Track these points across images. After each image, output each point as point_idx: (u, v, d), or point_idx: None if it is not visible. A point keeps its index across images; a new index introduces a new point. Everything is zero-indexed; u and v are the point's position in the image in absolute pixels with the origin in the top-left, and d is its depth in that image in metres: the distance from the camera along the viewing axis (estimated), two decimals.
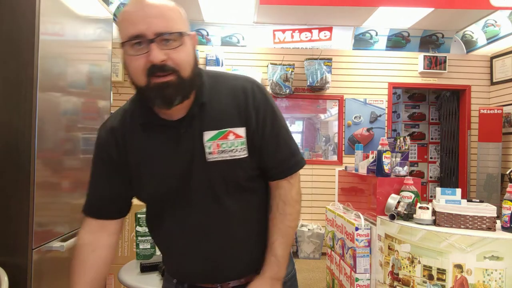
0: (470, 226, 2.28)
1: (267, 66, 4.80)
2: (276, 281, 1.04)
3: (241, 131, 0.98)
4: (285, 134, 1.07)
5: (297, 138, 5.35)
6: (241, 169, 1.00)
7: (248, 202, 1.05)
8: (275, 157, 1.04)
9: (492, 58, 4.96)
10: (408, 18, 4.49)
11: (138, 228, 1.72)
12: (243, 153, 0.99)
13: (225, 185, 1.00)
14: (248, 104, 0.99)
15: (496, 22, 4.37)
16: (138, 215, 1.73)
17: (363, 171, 3.04)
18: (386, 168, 2.67)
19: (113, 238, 1.10)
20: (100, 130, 1.08)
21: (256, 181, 1.06)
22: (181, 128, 0.97)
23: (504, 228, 2.26)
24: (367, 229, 2.77)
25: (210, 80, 1.02)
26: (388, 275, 2.52)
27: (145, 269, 1.53)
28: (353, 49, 4.97)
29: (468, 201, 2.42)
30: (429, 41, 4.99)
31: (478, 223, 2.27)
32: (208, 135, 0.97)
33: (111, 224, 1.10)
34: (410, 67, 5.00)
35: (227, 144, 0.97)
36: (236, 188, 1.02)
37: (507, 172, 4.12)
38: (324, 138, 5.37)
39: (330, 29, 4.87)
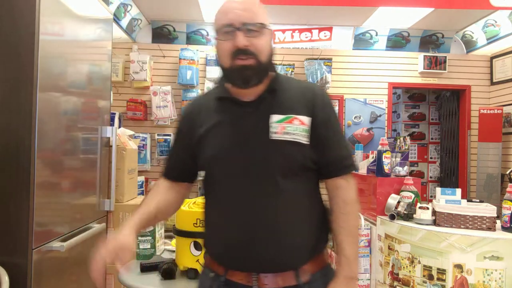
0: (470, 226, 2.28)
1: None
2: (350, 279, 1.08)
3: (306, 119, 1.10)
4: (344, 137, 1.20)
5: None
6: (299, 152, 1.09)
7: (296, 190, 1.11)
8: (336, 152, 1.14)
9: (492, 58, 4.96)
10: (408, 18, 4.48)
11: None
12: (304, 139, 1.09)
13: (281, 164, 1.08)
14: (316, 100, 1.13)
15: (496, 22, 4.37)
16: None
17: (363, 171, 3.04)
18: (386, 168, 2.67)
19: (178, 196, 1.26)
20: (184, 107, 1.28)
21: (309, 174, 1.14)
22: (248, 108, 1.12)
23: (504, 228, 2.26)
24: (367, 229, 2.77)
25: (284, 77, 1.21)
26: (388, 275, 2.52)
27: (145, 269, 1.53)
28: (353, 49, 4.96)
29: (468, 201, 2.42)
30: (429, 41, 4.99)
31: (478, 223, 2.27)
32: (275, 117, 1.09)
33: (178, 185, 1.26)
34: (410, 67, 5.00)
35: (292, 127, 1.09)
36: (289, 172, 1.09)
37: (507, 172, 4.12)
38: None
39: (330, 29, 4.87)
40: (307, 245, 1.11)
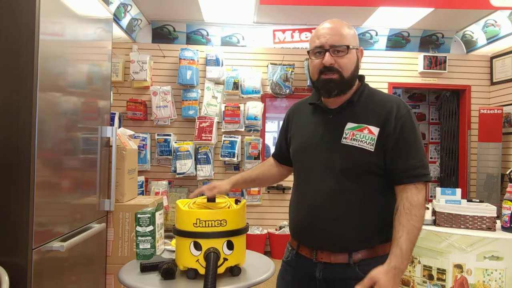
0: (470, 226, 2.28)
1: (267, 66, 4.79)
2: (398, 270, 1.18)
3: (375, 130, 1.27)
4: (419, 148, 1.28)
5: None
6: (362, 157, 1.27)
7: (357, 189, 1.28)
8: (406, 162, 1.26)
9: (492, 58, 4.96)
10: (408, 18, 4.49)
11: (138, 228, 1.72)
12: (369, 147, 1.26)
13: (344, 165, 1.28)
14: (391, 113, 1.28)
15: (496, 22, 4.37)
16: (138, 215, 1.73)
17: None
18: None
19: (278, 173, 1.63)
20: (291, 105, 1.59)
21: (374, 178, 1.29)
22: (330, 114, 1.35)
23: (504, 228, 2.26)
24: None
25: (369, 90, 1.37)
26: None
27: (145, 269, 1.53)
28: None
29: (468, 201, 2.42)
30: (429, 41, 4.99)
31: (478, 223, 2.27)
32: (350, 125, 1.30)
33: (281, 166, 1.63)
34: (410, 67, 5.00)
35: (361, 135, 1.28)
36: (351, 172, 1.28)
37: (507, 172, 4.11)
38: None
39: None
40: (360, 237, 1.28)
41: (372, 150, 1.26)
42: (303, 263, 1.38)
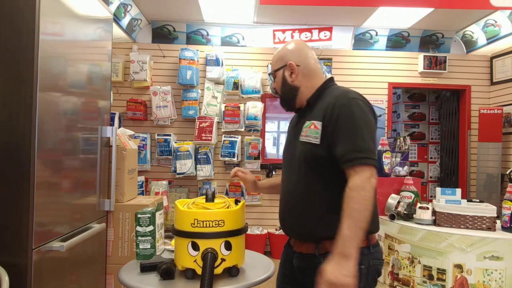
0: (470, 226, 2.28)
1: (267, 66, 4.79)
2: (341, 256, 1.20)
3: (319, 124, 1.39)
4: (357, 133, 1.32)
5: None
6: (310, 150, 1.39)
7: (315, 180, 1.39)
8: (343, 147, 1.32)
9: (492, 58, 4.96)
10: (408, 18, 4.49)
11: (138, 228, 1.72)
12: (315, 140, 1.38)
13: (301, 159, 1.42)
14: (329, 105, 1.38)
15: (496, 22, 4.37)
16: (138, 215, 1.73)
17: None
18: (386, 168, 2.67)
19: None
20: None
21: (327, 169, 1.37)
22: (299, 117, 1.53)
23: (504, 228, 2.26)
24: None
25: (328, 90, 1.48)
26: (388, 275, 2.52)
27: (145, 269, 1.53)
28: (353, 49, 4.97)
29: (468, 201, 2.42)
30: (429, 41, 4.99)
31: (478, 223, 2.27)
32: (306, 123, 1.44)
33: None
34: (410, 67, 5.00)
35: (310, 131, 1.41)
36: (307, 165, 1.40)
37: (507, 172, 4.12)
38: None
39: (330, 29, 4.87)
40: (322, 226, 1.37)
41: (318, 143, 1.37)
42: (288, 251, 1.55)
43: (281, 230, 4.75)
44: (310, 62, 1.52)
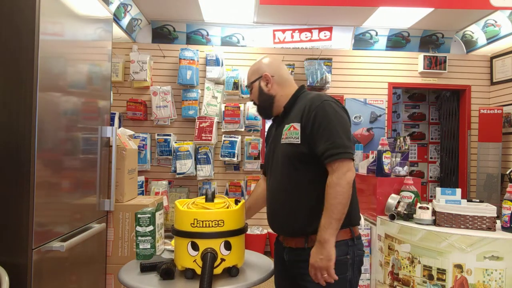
0: (470, 226, 2.28)
1: None
2: (319, 243, 1.39)
3: (297, 125, 1.50)
4: (332, 131, 1.43)
5: None
6: (293, 150, 1.50)
7: (300, 178, 1.49)
8: (320, 145, 1.43)
9: (492, 58, 4.96)
10: (408, 18, 4.49)
11: (138, 228, 1.72)
12: (296, 140, 1.49)
13: (285, 159, 1.52)
14: (305, 108, 1.50)
15: (496, 22, 4.37)
16: (138, 215, 1.73)
17: (363, 171, 3.04)
18: (386, 168, 2.67)
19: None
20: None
21: (310, 166, 1.48)
22: (278, 122, 1.64)
23: (504, 228, 2.26)
24: (367, 229, 2.77)
25: (301, 96, 1.61)
26: (388, 275, 2.52)
27: (145, 269, 1.53)
28: (353, 49, 4.97)
29: (468, 201, 2.42)
30: (429, 41, 4.99)
31: (478, 223, 2.27)
32: (285, 127, 1.55)
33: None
34: (410, 67, 5.00)
35: (290, 132, 1.52)
36: (291, 165, 1.50)
37: (507, 172, 4.12)
38: None
39: (330, 29, 4.87)
40: (309, 220, 1.46)
41: (299, 142, 1.48)
42: (278, 247, 1.63)
43: None
44: (283, 73, 1.66)
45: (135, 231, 1.74)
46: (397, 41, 4.98)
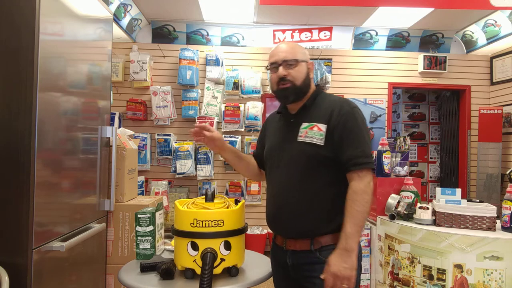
0: (470, 226, 2.28)
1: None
2: (345, 251, 1.36)
3: (323, 127, 1.47)
4: (361, 139, 1.45)
5: None
6: (314, 151, 1.46)
7: (314, 180, 1.46)
8: (349, 151, 1.43)
9: (492, 58, 4.96)
10: (408, 18, 4.48)
11: (138, 228, 1.72)
12: (319, 141, 1.46)
13: (301, 159, 1.47)
14: (334, 110, 1.48)
15: (496, 22, 4.37)
16: (138, 215, 1.73)
17: None
18: (386, 168, 2.67)
19: (259, 171, 1.78)
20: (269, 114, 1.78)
21: (326, 169, 1.46)
22: (291, 119, 1.58)
23: (504, 228, 2.26)
24: (367, 229, 2.77)
25: (323, 95, 1.58)
26: (388, 275, 2.52)
27: (145, 269, 1.53)
28: (353, 49, 4.97)
29: (468, 201, 2.42)
30: (429, 41, 4.99)
31: (478, 223, 2.27)
32: (304, 125, 1.51)
33: (259, 170, 1.78)
34: (410, 67, 5.00)
35: (312, 132, 1.48)
36: (307, 165, 1.47)
37: (507, 172, 4.11)
38: None
39: (330, 29, 4.87)
40: (320, 222, 1.45)
41: (322, 144, 1.45)
42: (278, 251, 1.56)
43: None
44: None
45: (135, 231, 1.74)
46: (397, 41, 4.98)
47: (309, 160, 1.47)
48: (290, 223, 1.49)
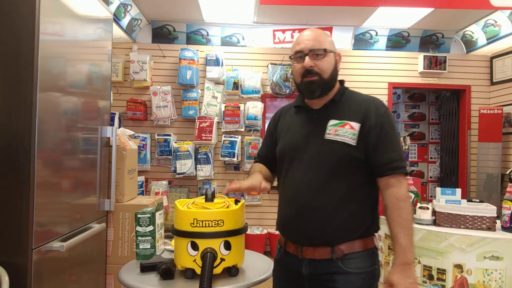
0: (470, 226, 2.28)
1: (267, 66, 4.79)
2: (405, 265, 1.26)
3: (356, 125, 1.34)
4: (397, 143, 1.37)
5: None
6: (345, 151, 1.33)
7: (341, 182, 1.34)
8: (387, 155, 1.33)
9: (492, 58, 4.96)
10: (408, 18, 4.48)
11: (138, 228, 1.72)
12: (351, 141, 1.33)
13: (329, 158, 1.34)
14: (370, 110, 1.36)
15: (496, 22, 4.37)
16: (138, 215, 1.73)
17: None
18: None
19: (271, 176, 1.59)
20: (278, 109, 1.62)
21: (356, 171, 1.35)
22: (314, 114, 1.43)
23: (504, 228, 2.26)
24: None
25: (349, 91, 1.46)
26: None
27: (145, 269, 1.53)
28: (353, 49, 4.96)
29: (468, 201, 2.42)
30: (429, 41, 4.99)
31: (478, 223, 2.27)
32: (332, 122, 1.37)
33: (269, 170, 1.59)
34: (410, 67, 5.00)
35: (343, 131, 1.35)
36: (336, 166, 1.34)
37: (507, 172, 4.11)
38: None
39: (330, 29, 4.87)
40: (344, 229, 1.33)
41: (354, 144, 1.33)
42: (290, 260, 1.41)
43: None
44: None
45: (135, 231, 1.74)
46: (397, 41, 4.98)
47: (339, 160, 1.33)
48: (312, 229, 1.34)
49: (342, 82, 1.48)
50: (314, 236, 1.35)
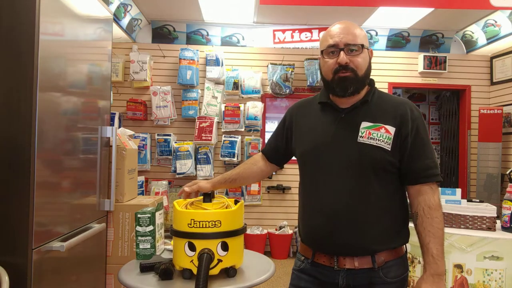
0: (470, 226, 2.28)
1: (267, 66, 4.79)
2: (437, 276, 1.22)
3: (392, 129, 1.28)
4: (431, 149, 1.31)
5: None
6: (380, 156, 1.27)
7: (376, 188, 1.28)
8: (422, 162, 1.28)
9: (492, 58, 4.96)
10: (408, 18, 4.49)
11: (138, 228, 1.73)
12: (386, 146, 1.27)
13: (363, 163, 1.27)
14: (406, 114, 1.30)
15: (496, 22, 4.37)
16: (138, 215, 1.73)
17: None
18: None
19: (261, 170, 1.58)
20: (296, 102, 1.55)
21: (390, 176, 1.30)
22: (342, 114, 1.34)
23: (504, 228, 2.26)
24: None
25: (380, 92, 1.39)
26: None
27: (145, 269, 1.53)
28: None
29: (468, 201, 2.42)
30: (429, 41, 4.99)
31: (478, 223, 2.27)
32: (365, 124, 1.30)
33: (268, 164, 1.59)
34: (410, 67, 5.00)
35: (377, 134, 1.28)
36: (370, 171, 1.27)
37: (507, 172, 4.11)
38: None
39: None
40: (386, 236, 1.29)
41: (389, 149, 1.27)
42: (321, 271, 1.34)
43: (281, 230, 4.78)
44: None
45: (135, 231, 1.74)
46: (397, 41, 4.98)
47: (375, 165, 1.27)
48: (352, 237, 1.27)
49: (372, 81, 1.39)
50: (354, 245, 1.28)
